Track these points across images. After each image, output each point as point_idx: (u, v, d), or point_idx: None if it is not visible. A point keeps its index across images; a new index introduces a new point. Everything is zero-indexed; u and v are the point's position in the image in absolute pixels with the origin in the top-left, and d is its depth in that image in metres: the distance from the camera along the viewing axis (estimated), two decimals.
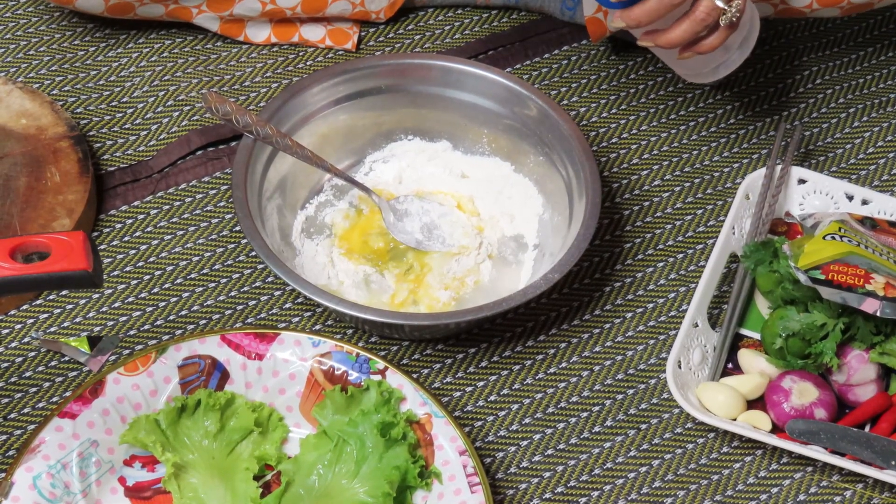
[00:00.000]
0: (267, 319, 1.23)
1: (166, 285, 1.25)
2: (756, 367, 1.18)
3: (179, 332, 1.22)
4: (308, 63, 1.41)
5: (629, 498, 1.13)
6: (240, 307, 1.24)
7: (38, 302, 1.23)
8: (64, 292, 1.23)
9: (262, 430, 1.12)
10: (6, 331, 1.21)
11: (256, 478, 1.10)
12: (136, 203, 1.30)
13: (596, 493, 1.14)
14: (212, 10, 1.38)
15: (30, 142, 1.28)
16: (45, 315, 1.22)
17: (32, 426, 1.15)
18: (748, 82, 1.44)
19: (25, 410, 1.16)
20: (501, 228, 1.28)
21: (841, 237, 1.17)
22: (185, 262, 1.26)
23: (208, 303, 1.24)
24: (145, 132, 1.36)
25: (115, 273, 1.25)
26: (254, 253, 1.27)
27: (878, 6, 1.31)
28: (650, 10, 1.09)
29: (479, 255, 1.25)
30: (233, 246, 1.28)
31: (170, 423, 1.09)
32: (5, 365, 1.19)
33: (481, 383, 1.20)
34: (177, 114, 1.37)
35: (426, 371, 1.20)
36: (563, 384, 1.20)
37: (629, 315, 1.25)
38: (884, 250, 1.18)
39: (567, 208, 1.23)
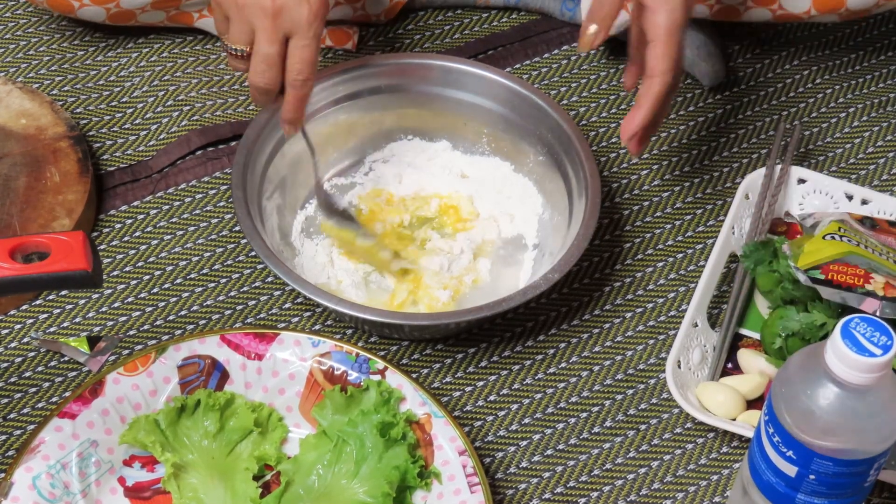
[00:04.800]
0: (266, 319, 1.23)
1: (166, 285, 1.25)
2: (756, 367, 1.18)
3: (179, 332, 1.22)
4: None
5: (628, 499, 1.13)
6: (239, 307, 1.24)
7: (38, 302, 1.23)
8: (63, 292, 1.23)
9: (262, 430, 1.12)
10: (6, 331, 1.21)
11: (256, 478, 1.10)
12: (135, 203, 1.30)
13: (595, 494, 1.14)
14: (213, 15, 1.38)
15: (29, 142, 1.29)
16: (45, 315, 1.22)
17: (32, 426, 1.15)
18: (747, 82, 1.44)
19: (25, 411, 1.16)
20: (501, 228, 1.28)
21: (840, 237, 1.17)
22: (184, 263, 1.26)
23: (208, 303, 1.24)
24: (145, 132, 1.36)
25: (115, 273, 1.25)
26: (253, 253, 1.27)
27: (875, 12, 1.32)
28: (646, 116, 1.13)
29: (466, 254, 1.25)
30: (232, 246, 1.28)
31: (169, 424, 1.09)
32: (5, 365, 1.19)
33: (481, 383, 1.20)
34: (176, 114, 1.37)
35: (426, 371, 1.20)
36: (562, 384, 1.20)
37: (629, 315, 1.25)
38: (883, 250, 1.18)
39: (567, 208, 1.23)
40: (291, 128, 1.18)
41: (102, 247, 1.27)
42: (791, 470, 0.98)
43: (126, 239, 1.28)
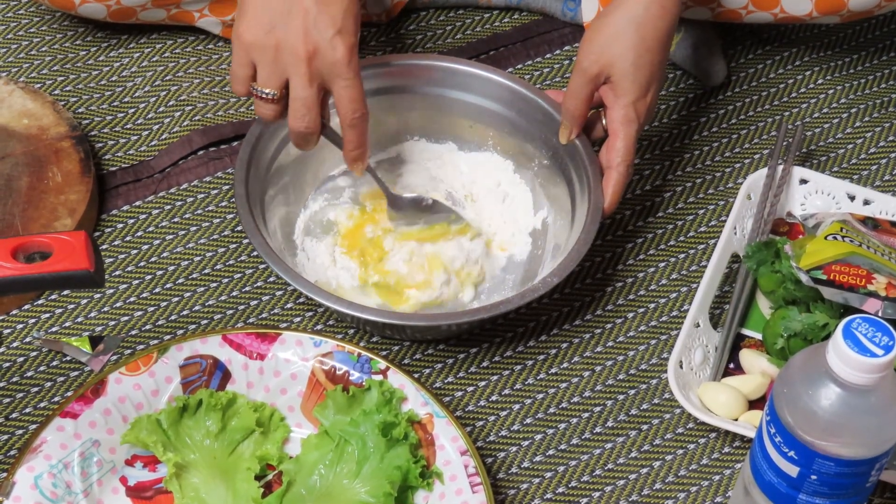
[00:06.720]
0: (268, 319, 1.23)
1: (168, 285, 1.25)
2: (757, 367, 1.18)
3: (181, 331, 1.22)
4: None
5: (630, 499, 1.13)
6: (241, 307, 1.24)
7: (40, 301, 1.23)
8: (65, 292, 1.23)
9: (264, 429, 1.12)
10: (8, 330, 1.21)
11: (258, 478, 1.10)
12: (137, 203, 1.30)
13: (597, 494, 1.14)
14: (214, 15, 1.38)
15: (32, 142, 1.29)
16: (47, 315, 1.22)
17: (34, 426, 1.15)
18: (749, 82, 1.44)
19: (27, 410, 1.16)
20: (505, 231, 1.28)
21: (843, 237, 1.17)
22: (186, 262, 1.26)
23: (210, 302, 1.24)
24: (147, 132, 1.36)
25: (117, 272, 1.25)
26: (255, 252, 1.27)
27: (877, 13, 1.32)
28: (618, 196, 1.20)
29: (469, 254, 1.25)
30: (234, 245, 1.28)
31: (171, 423, 1.09)
32: (7, 364, 1.19)
33: (483, 383, 1.20)
34: (178, 113, 1.37)
35: (427, 371, 1.20)
36: (564, 384, 1.20)
37: (631, 315, 1.25)
38: (885, 250, 1.18)
39: (570, 211, 1.23)
40: (359, 165, 1.17)
41: (104, 246, 1.27)
42: (793, 470, 0.98)
43: (128, 238, 1.28)
